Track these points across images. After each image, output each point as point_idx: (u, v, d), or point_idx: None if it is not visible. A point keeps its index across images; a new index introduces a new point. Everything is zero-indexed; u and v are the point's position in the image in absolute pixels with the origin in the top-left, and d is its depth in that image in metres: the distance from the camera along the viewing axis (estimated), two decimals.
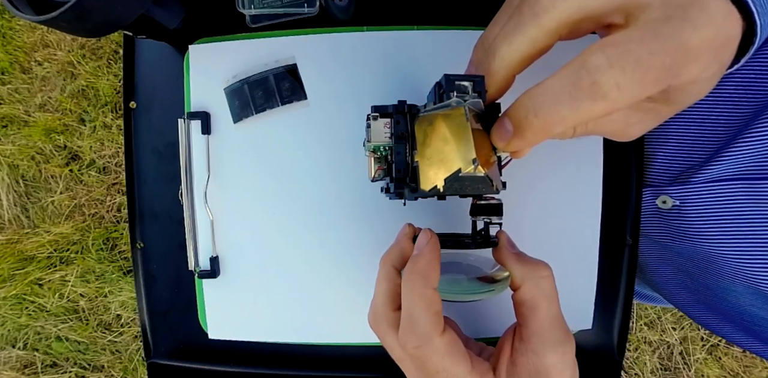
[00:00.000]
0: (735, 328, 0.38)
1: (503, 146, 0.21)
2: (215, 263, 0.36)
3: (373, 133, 0.25)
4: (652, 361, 1.17)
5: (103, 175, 1.23)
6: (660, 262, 0.40)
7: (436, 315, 0.24)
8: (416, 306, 0.24)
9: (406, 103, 0.25)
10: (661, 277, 0.42)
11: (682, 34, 0.17)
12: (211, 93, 0.35)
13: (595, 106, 0.17)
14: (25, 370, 1.22)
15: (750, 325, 0.36)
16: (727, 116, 0.32)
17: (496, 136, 0.21)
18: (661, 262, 0.40)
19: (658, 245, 0.39)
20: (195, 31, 0.35)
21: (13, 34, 1.23)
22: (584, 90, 0.17)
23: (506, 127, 0.20)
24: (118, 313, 1.22)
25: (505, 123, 0.20)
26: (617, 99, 0.17)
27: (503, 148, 0.21)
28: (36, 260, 1.23)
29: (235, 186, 0.35)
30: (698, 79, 0.19)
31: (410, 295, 0.24)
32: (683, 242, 0.35)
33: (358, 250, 0.35)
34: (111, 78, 1.21)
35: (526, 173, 0.34)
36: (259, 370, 0.37)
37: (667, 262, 0.39)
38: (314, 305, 0.36)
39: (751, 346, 0.38)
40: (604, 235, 0.35)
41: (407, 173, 0.24)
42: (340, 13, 0.33)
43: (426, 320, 0.23)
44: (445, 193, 0.22)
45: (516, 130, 0.20)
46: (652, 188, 0.36)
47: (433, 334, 0.23)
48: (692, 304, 0.41)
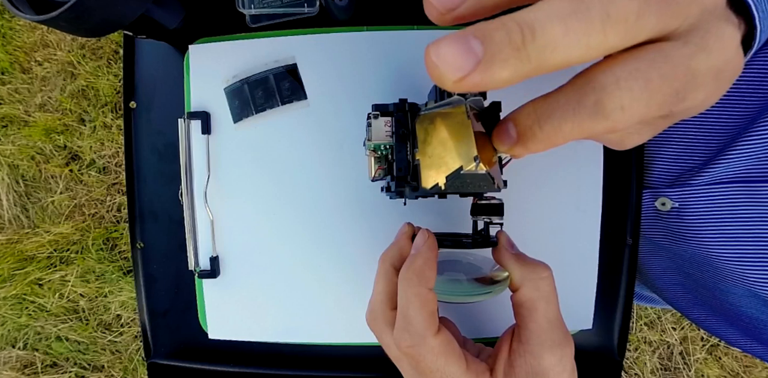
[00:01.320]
0: (735, 331, 0.38)
1: (504, 150, 0.20)
2: (215, 263, 0.36)
3: (374, 132, 0.25)
4: (652, 361, 1.17)
5: (103, 175, 1.23)
6: (660, 264, 0.40)
7: (430, 315, 0.24)
8: (411, 305, 0.24)
9: (407, 102, 0.25)
10: (662, 279, 0.42)
11: (694, 61, 0.17)
12: (211, 93, 0.35)
13: (597, 126, 0.17)
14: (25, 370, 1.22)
15: (750, 327, 0.36)
16: (727, 119, 0.32)
17: (499, 140, 0.20)
18: (661, 264, 0.40)
19: (657, 247, 0.39)
20: (195, 31, 0.35)
21: (13, 34, 1.23)
22: (588, 108, 0.16)
23: (510, 133, 0.19)
24: (118, 313, 1.22)
25: (509, 128, 0.19)
26: (619, 120, 0.17)
27: (504, 151, 0.21)
28: (36, 260, 1.23)
29: (235, 186, 0.35)
30: (703, 104, 0.19)
31: (406, 294, 0.24)
32: (683, 244, 0.35)
33: (357, 249, 0.35)
34: (111, 78, 1.21)
35: (526, 173, 0.34)
36: (259, 370, 0.37)
37: (667, 264, 0.39)
38: (314, 305, 0.36)
39: (751, 349, 0.38)
40: (604, 235, 0.35)
41: (408, 172, 0.24)
42: (340, 13, 0.33)
43: (420, 320, 0.23)
44: (446, 191, 0.22)
45: (520, 137, 0.19)
46: (651, 190, 0.36)
47: (427, 334, 0.23)
48: (692, 306, 0.41)
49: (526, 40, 0.14)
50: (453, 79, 0.14)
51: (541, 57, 0.14)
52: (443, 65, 0.14)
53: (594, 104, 0.16)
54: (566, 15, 0.14)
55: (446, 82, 0.14)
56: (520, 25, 0.14)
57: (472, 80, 0.14)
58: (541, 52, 0.14)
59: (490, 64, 0.14)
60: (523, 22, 0.14)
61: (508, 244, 0.27)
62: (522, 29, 0.14)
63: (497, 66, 0.14)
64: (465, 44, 0.14)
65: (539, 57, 0.14)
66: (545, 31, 0.14)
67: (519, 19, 0.14)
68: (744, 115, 0.31)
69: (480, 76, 0.14)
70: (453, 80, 0.14)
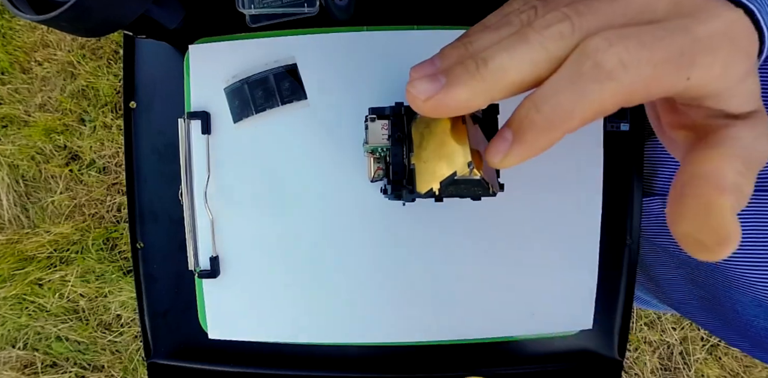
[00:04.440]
0: (741, 337, 0.38)
1: (500, 160, 0.18)
2: (215, 263, 0.36)
3: (371, 135, 0.25)
4: (652, 361, 1.17)
5: (103, 175, 1.23)
6: (667, 269, 0.40)
7: None
8: None
9: (403, 105, 0.25)
10: (669, 285, 0.41)
11: (688, 27, 0.16)
12: (211, 93, 0.35)
13: (603, 90, 0.15)
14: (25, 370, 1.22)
15: (755, 336, 0.35)
16: None
17: (492, 151, 0.18)
18: (669, 269, 0.40)
19: (666, 253, 0.38)
20: (195, 31, 0.35)
21: (13, 34, 1.22)
22: (587, 74, 0.15)
23: (505, 136, 0.18)
24: (118, 313, 1.22)
25: (504, 132, 0.18)
26: (625, 79, 0.15)
27: (500, 163, 0.18)
28: (36, 260, 1.23)
29: (235, 186, 0.35)
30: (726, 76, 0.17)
31: None
32: None
33: (357, 249, 0.35)
34: (111, 78, 1.21)
35: (526, 173, 0.34)
36: (259, 370, 0.37)
37: (675, 270, 0.39)
38: (314, 305, 0.36)
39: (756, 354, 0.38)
40: (604, 235, 0.35)
41: (404, 175, 0.24)
42: (340, 13, 0.33)
43: None
44: (441, 196, 0.22)
45: (515, 134, 0.17)
46: (660, 197, 0.35)
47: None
48: (700, 312, 0.40)
49: (479, 67, 0.17)
50: (422, 99, 0.18)
51: (494, 77, 0.17)
52: (415, 91, 0.18)
53: (592, 68, 0.15)
54: (510, 44, 0.17)
55: (417, 102, 0.18)
56: (475, 59, 0.17)
57: (437, 98, 0.17)
58: (494, 74, 0.17)
59: (450, 86, 0.17)
60: (477, 57, 0.17)
61: None
62: (476, 61, 0.17)
63: (456, 87, 0.17)
64: (433, 77, 0.18)
65: (493, 77, 0.17)
66: (494, 59, 0.17)
67: (474, 55, 0.17)
68: None
69: (443, 95, 0.17)
70: (422, 99, 0.18)
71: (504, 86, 0.17)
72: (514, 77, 0.17)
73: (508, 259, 0.34)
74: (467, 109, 0.18)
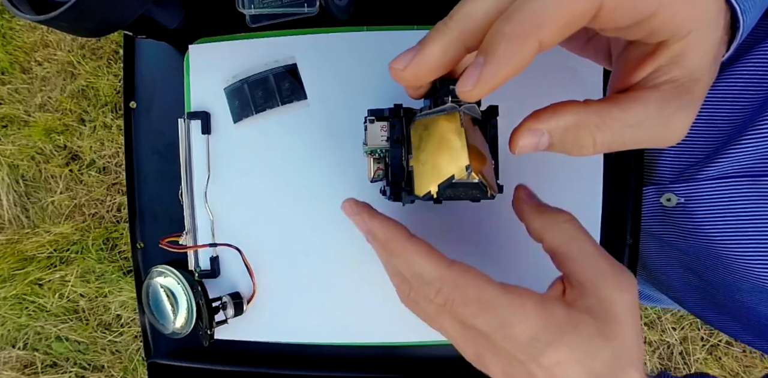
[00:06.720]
0: (742, 327, 0.38)
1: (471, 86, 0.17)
2: (215, 263, 0.36)
3: (370, 137, 0.25)
4: (652, 361, 1.17)
5: (103, 175, 1.23)
6: (666, 260, 0.40)
7: None
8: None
9: (402, 107, 0.25)
10: (667, 275, 0.41)
11: None
12: (211, 93, 0.35)
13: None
14: (25, 370, 1.22)
15: (757, 324, 0.35)
16: (730, 111, 0.32)
17: (463, 80, 0.18)
18: (667, 260, 0.40)
19: (663, 243, 0.38)
20: (195, 31, 0.35)
21: (13, 34, 1.23)
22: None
23: (476, 62, 0.17)
24: (118, 313, 1.22)
25: (476, 58, 0.17)
26: None
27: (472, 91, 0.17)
28: (36, 260, 1.23)
29: (235, 186, 0.35)
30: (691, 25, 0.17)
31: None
32: (688, 240, 0.35)
33: (357, 249, 0.35)
34: (111, 78, 1.21)
35: (525, 173, 0.34)
36: (260, 370, 0.37)
37: (673, 260, 0.39)
38: (314, 305, 0.36)
39: (757, 345, 0.38)
40: (605, 234, 0.35)
41: (403, 177, 0.24)
42: (340, 13, 0.33)
43: None
44: (439, 199, 0.22)
45: (487, 54, 0.17)
46: (656, 186, 0.36)
47: None
48: (699, 302, 0.40)
49: (446, 22, 0.19)
50: (401, 68, 0.19)
51: (460, 25, 0.18)
52: (395, 64, 0.20)
53: None
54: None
55: (397, 72, 0.20)
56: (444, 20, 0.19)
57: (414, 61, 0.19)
58: (460, 21, 0.18)
59: (423, 46, 0.19)
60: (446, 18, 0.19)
61: (526, 197, 0.26)
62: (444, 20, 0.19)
63: (427, 44, 0.19)
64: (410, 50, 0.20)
65: (458, 26, 0.18)
66: (458, 11, 0.18)
67: None
68: (748, 107, 0.31)
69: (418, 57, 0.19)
70: (401, 68, 0.19)
71: (473, 28, 0.18)
72: (482, 16, 0.18)
73: (508, 259, 0.35)
74: (443, 64, 0.19)
